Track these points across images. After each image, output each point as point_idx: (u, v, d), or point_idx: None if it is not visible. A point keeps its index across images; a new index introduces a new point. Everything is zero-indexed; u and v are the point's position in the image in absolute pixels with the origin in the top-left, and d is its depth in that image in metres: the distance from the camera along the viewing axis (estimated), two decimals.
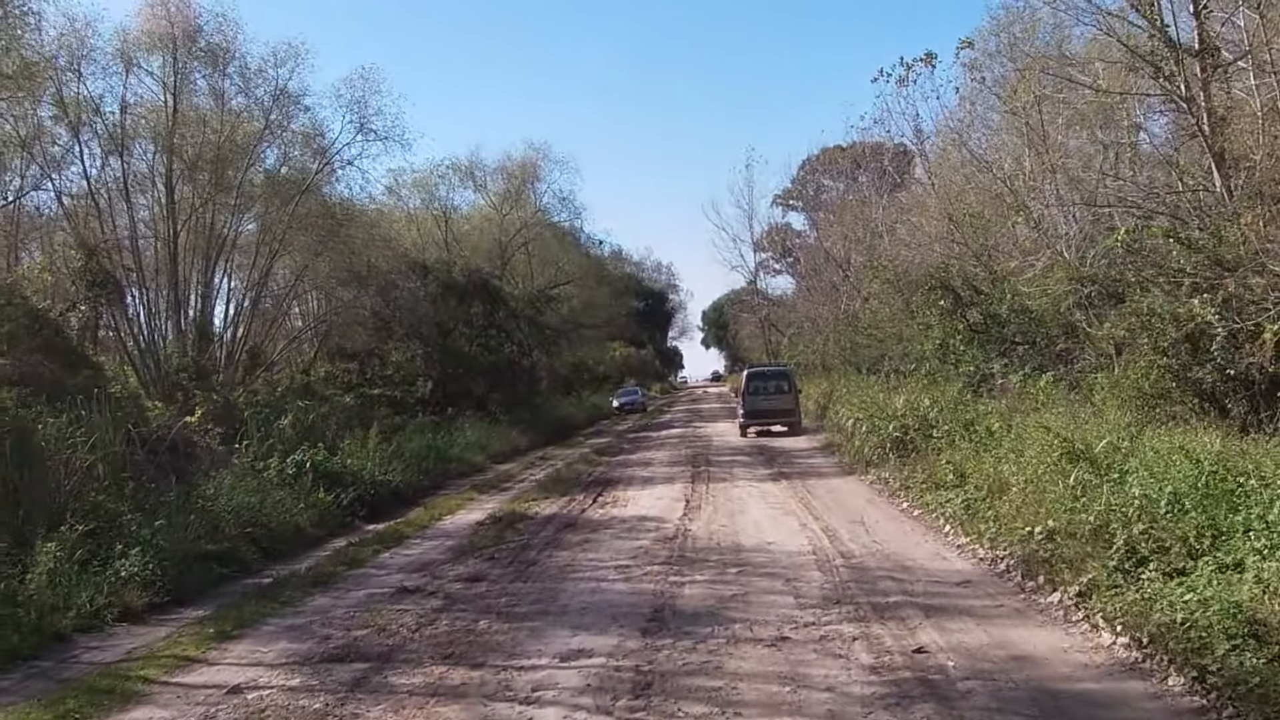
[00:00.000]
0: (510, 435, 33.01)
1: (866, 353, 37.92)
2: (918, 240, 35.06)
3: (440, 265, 38.64)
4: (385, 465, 21.37)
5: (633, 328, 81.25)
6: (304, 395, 30.86)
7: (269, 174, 32.73)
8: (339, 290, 38.60)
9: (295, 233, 35.95)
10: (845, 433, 23.10)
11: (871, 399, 22.47)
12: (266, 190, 31.96)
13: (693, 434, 32.72)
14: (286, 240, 36.09)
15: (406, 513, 18.77)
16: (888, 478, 16.47)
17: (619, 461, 24.69)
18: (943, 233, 32.82)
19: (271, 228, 32.86)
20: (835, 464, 20.53)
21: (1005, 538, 10.86)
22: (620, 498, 17.51)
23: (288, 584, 12.37)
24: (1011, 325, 25.13)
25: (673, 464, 22.84)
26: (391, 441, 25.00)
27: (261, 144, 30.80)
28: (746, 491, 17.19)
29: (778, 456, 22.72)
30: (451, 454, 27.65)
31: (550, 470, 23.90)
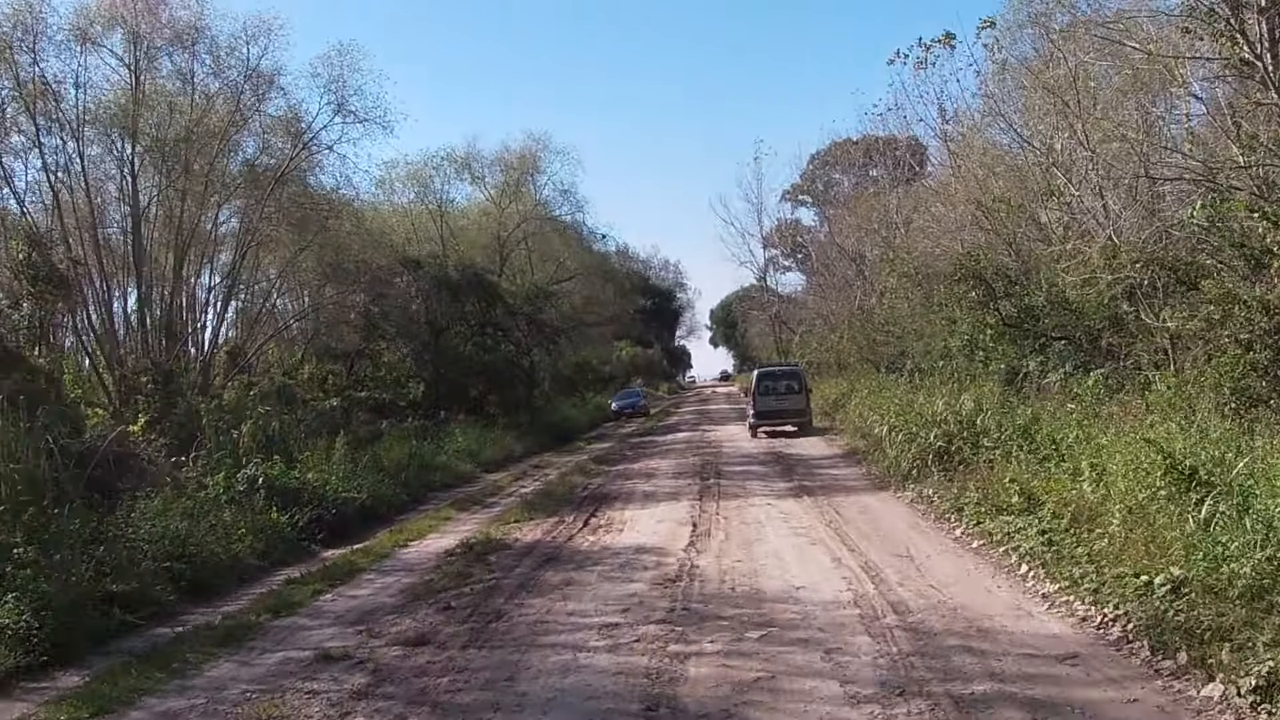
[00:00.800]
0: (505, 440, 30.34)
1: (884, 350, 35.27)
2: (941, 228, 32.39)
3: (433, 260, 35.96)
4: (354, 479, 18.73)
5: (639, 327, 78.55)
6: (281, 399, 28.29)
7: (245, 162, 30.16)
8: (326, 287, 36.22)
9: (275, 225, 33.44)
10: (872, 439, 20.38)
11: (904, 401, 19.71)
12: (241, 178, 29.39)
13: (701, 439, 29.96)
14: (265, 233, 33.66)
15: (372, 535, 16.16)
16: (931, 496, 13.70)
17: (619, 472, 21.95)
18: (968, 219, 30.21)
19: (246, 219, 30.35)
20: (863, 476, 17.77)
21: (1112, 589, 8.13)
22: (616, 520, 14.78)
23: (192, 641, 9.75)
24: (1048, 318, 22.49)
25: (678, 475, 20.11)
26: (368, 450, 22.43)
27: (234, 128, 28.13)
28: (764, 512, 14.44)
29: (796, 466, 19.97)
30: (438, 462, 25.03)
31: (542, 482, 21.19)
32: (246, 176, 29.45)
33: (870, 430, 20.71)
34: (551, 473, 23.53)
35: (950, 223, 31.13)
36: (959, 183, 28.65)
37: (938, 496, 13.49)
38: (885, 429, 16.72)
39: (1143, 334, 19.50)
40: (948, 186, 30.03)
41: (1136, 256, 17.62)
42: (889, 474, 16.18)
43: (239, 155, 30.53)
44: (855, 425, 24.21)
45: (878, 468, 17.73)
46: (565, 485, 19.64)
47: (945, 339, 28.52)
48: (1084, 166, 23.53)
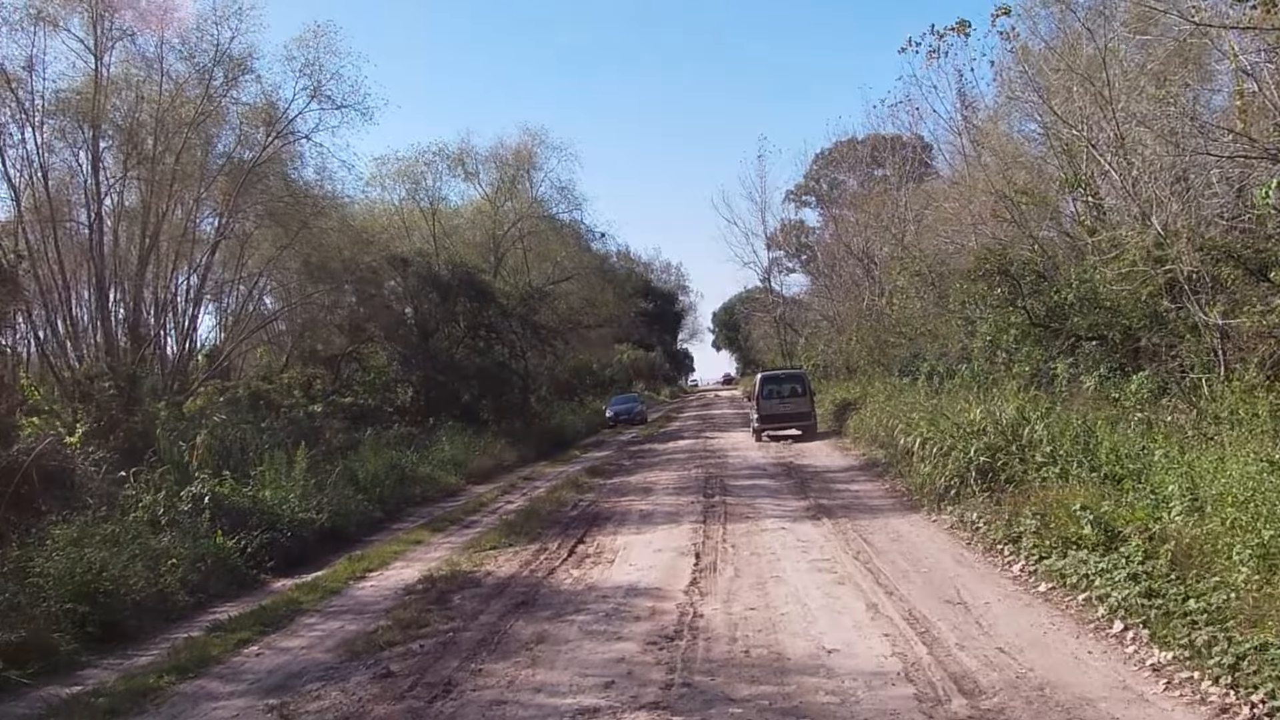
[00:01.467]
0: (496, 448, 28.20)
1: (895, 352, 33.18)
2: (959, 223, 30.32)
3: (421, 258, 33.84)
4: (317, 496, 16.60)
5: (641, 329, 76.32)
6: (253, 405, 26.21)
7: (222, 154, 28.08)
8: (308, 288, 34.15)
9: (254, 221, 31.43)
10: (894, 450, 18.22)
11: (930, 408, 17.56)
12: (214, 171, 27.31)
13: (704, 447, 27.77)
14: (243, 230, 31.62)
15: (331, 562, 14.08)
16: (976, 521, 11.53)
17: (614, 486, 19.77)
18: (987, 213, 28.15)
19: (220, 214, 28.26)
20: (888, 493, 15.59)
21: (1257, 665, 6.00)
22: (607, 548, 12.62)
23: (69, 713, 7.66)
24: (1079, 317, 20.45)
25: (680, 490, 17.94)
26: (339, 462, 20.33)
27: (204, 116, 26.01)
28: (779, 538, 12.27)
29: (811, 481, 17.79)
30: (420, 474, 22.96)
31: (529, 498, 19.04)
32: (219, 169, 27.40)
33: (892, 440, 18.53)
34: (541, 486, 21.38)
35: (968, 217, 29.08)
36: (980, 172, 26.51)
37: (984, 522, 11.32)
38: (917, 441, 14.54)
39: (1190, 333, 17.45)
40: (968, 177, 27.87)
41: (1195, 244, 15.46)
42: (920, 492, 13.99)
43: (216, 147, 28.53)
44: (871, 433, 22.05)
45: (905, 483, 15.56)
46: (553, 502, 17.47)
47: (963, 340, 26.50)
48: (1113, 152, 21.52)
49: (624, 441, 33.51)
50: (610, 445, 32.45)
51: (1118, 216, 24.20)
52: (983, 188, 25.29)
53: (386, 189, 42.11)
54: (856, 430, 24.03)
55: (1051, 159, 25.22)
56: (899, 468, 16.78)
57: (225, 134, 29.08)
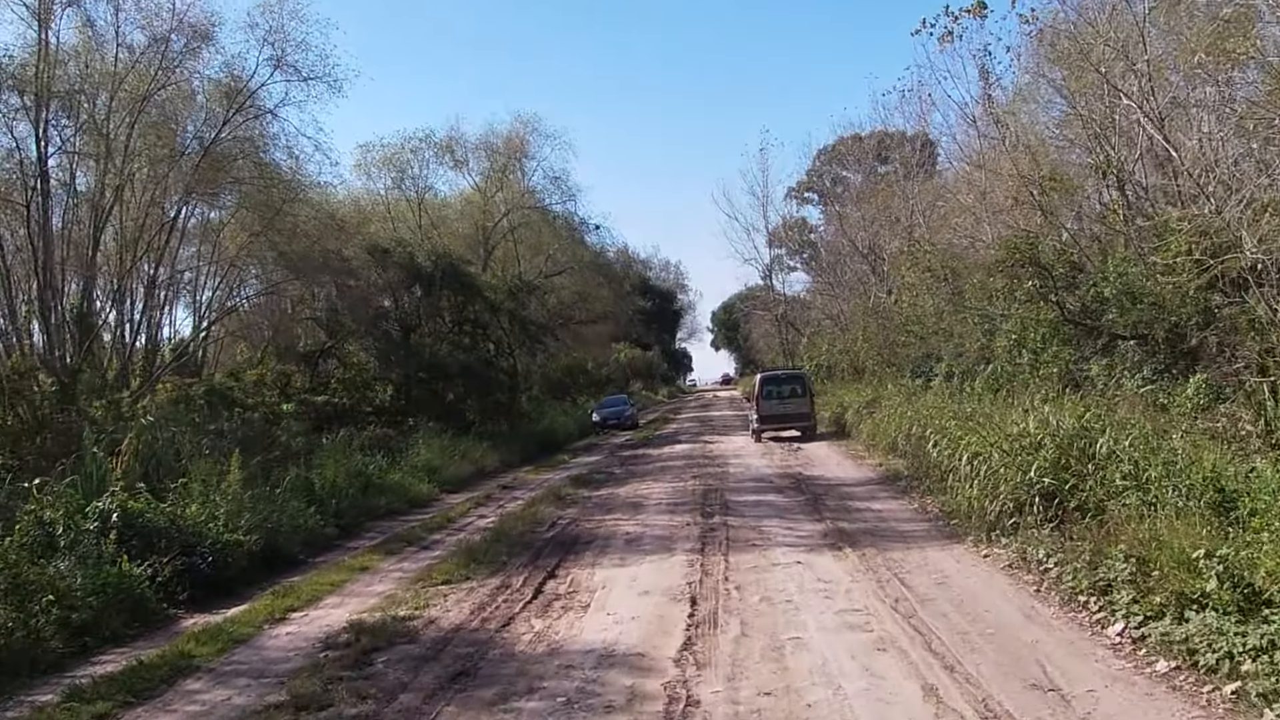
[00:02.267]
0: (478, 452, 25.75)
1: (906, 352, 30.78)
2: (977, 213, 27.97)
3: (402, 249, 31.36)
4: (257, 511, 14.17)
5: (638, 328, 74.00)
6: (214, 405, 23.77)
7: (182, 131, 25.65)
8: (281, 277, 31.78)
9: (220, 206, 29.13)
10: (919, 460, 15.82)
11: (967, 415, 15.12)
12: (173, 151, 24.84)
13: (703, 453, 25.26)
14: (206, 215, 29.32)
15: (257, 593, 11.66)
16: (1044, 560, 9.06)
17: (600, 500, 17.25)
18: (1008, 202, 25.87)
19: (182, 197, 25.84)
20: (918, 514, 13.10)
21: None
22: (582, 586, 10.14)
23: None
24: (1120, 313, 18.12)
25: (674, 507, 15.43)
26: (295, 469, 17.95)
27: (159, 87, 23.56)
28: (792, 576, 9.81)
29: (825, 496, 15.28)
30: (388, 482, 20.53)
31: (502, 513, 16.58)
32: (181, 149, 24.96)
33: (918, 451, 16.12)
34: (521, 497, 18.95)
35: (987, 208, 26.72)
36: (1005, 156, 24.08)
37: (1055, 562, 8.86)
38: (962, 457, 12.04)
39: (1251, 330, 15.11)
40: (991, 161, 25.42)
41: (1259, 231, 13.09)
42: (963, 518, 11.52)
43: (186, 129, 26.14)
44: (889, 440, 19.62)
45: (938, 504, 13.10)
46: (529, 519, 15.00)
47: (982, 338, 24.16)
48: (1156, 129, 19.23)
49: (616, 445, 31.03)
50: (601, 449, 29.98)
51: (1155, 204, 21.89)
52: (1008, 172, 22.87)
53: (372, 177, 39.82)
54: (871, 437, 21.57)
55: (1079, 145, 22.93)
56: (928, 483, 14.33)
57: (196, 115, 26.84)
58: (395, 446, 24.48)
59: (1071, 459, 10.26)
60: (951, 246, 32.36)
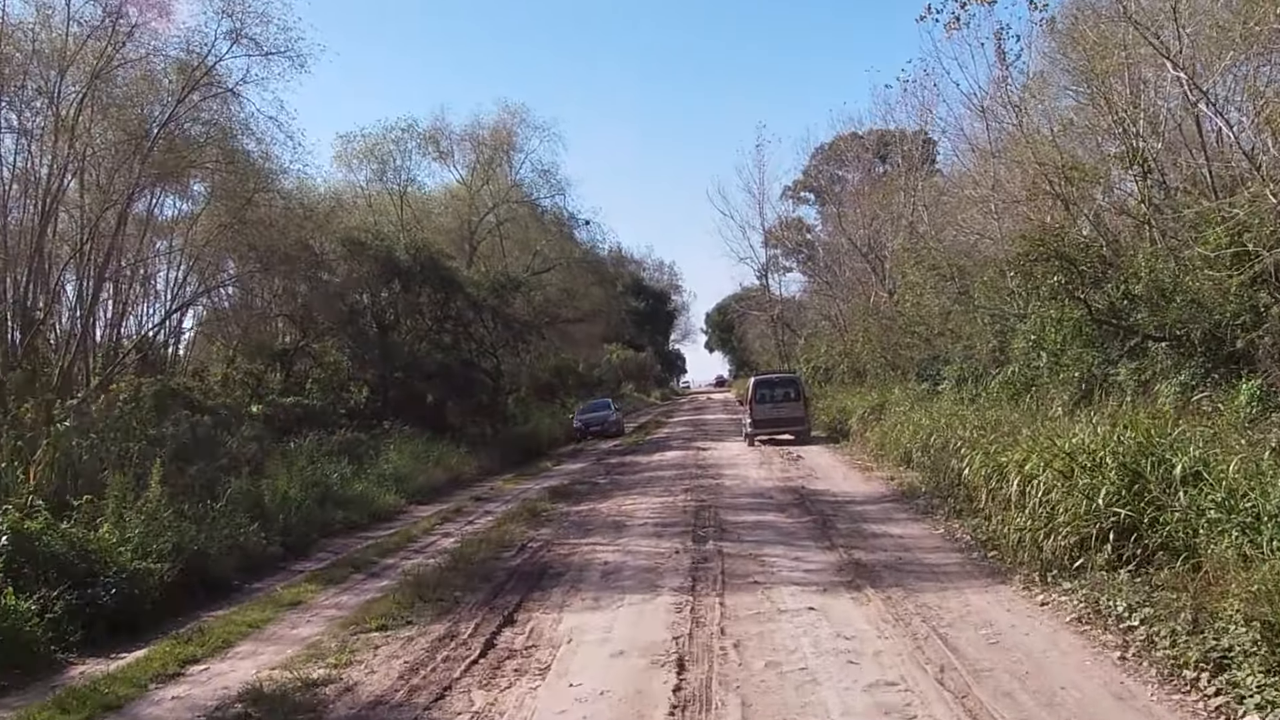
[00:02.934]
0: (455, 459, 23.74)
1: (910, 354, 28.83)
2: (988, 206, 26.04)
3: (379, 242, 29.31)
4: (183, 530, 12.20)
5: (631, 329, 72.02)
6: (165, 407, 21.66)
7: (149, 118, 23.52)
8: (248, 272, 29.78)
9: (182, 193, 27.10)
10: (939, 474, 13.84)
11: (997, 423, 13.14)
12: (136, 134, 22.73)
13: (695, 462, 23.17)
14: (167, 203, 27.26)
15: (162, 635, 9.66)
16: (1126, 615, 7.05)
17: (578, 518, 15.15)
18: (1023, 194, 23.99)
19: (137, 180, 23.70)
20: (946, 541, 11.04)
21: None
22: (543, 640, 8.09)
23: None
24: (1151, 312, 16.23)
25: (662, 528, 13.37)
26: (241, 479, 15.99)
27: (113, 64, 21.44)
28: (807, 629, 7.79)
29: (834, 516, 13.20)
30: (350, 494, 18.53)
31: (466, 533, 14.53)
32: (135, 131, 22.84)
33: (938, 463, 14.13)
34: (493, 511, 16.94)
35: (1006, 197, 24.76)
36: (1020, 145, 22.11)
37: (1141, 619, 6.85)
38: (1009, 478, 9.97)
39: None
40: (1007, 150, 23.45)
41: None
42: (1005, 550, 9.52)
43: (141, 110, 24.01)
44: (901, 450, 17.63)
45: (967, 528, 11.10)
46: (494, 542, 12.95)
47: (993, 340, 22.26)
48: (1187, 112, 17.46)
49: (603, 451, 28.94)
50: (588, 456, 27.88)
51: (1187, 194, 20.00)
52: (1028, 159, 20.90)
53: (353, 170, 37.73)
54: (880, 446, 19.54)
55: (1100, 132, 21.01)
56: (953, 504, 12.33)
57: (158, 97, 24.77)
58: (365, 452, 22.50)
59: (1147, 483, 8.25)
60: (958, 243, 30.52)
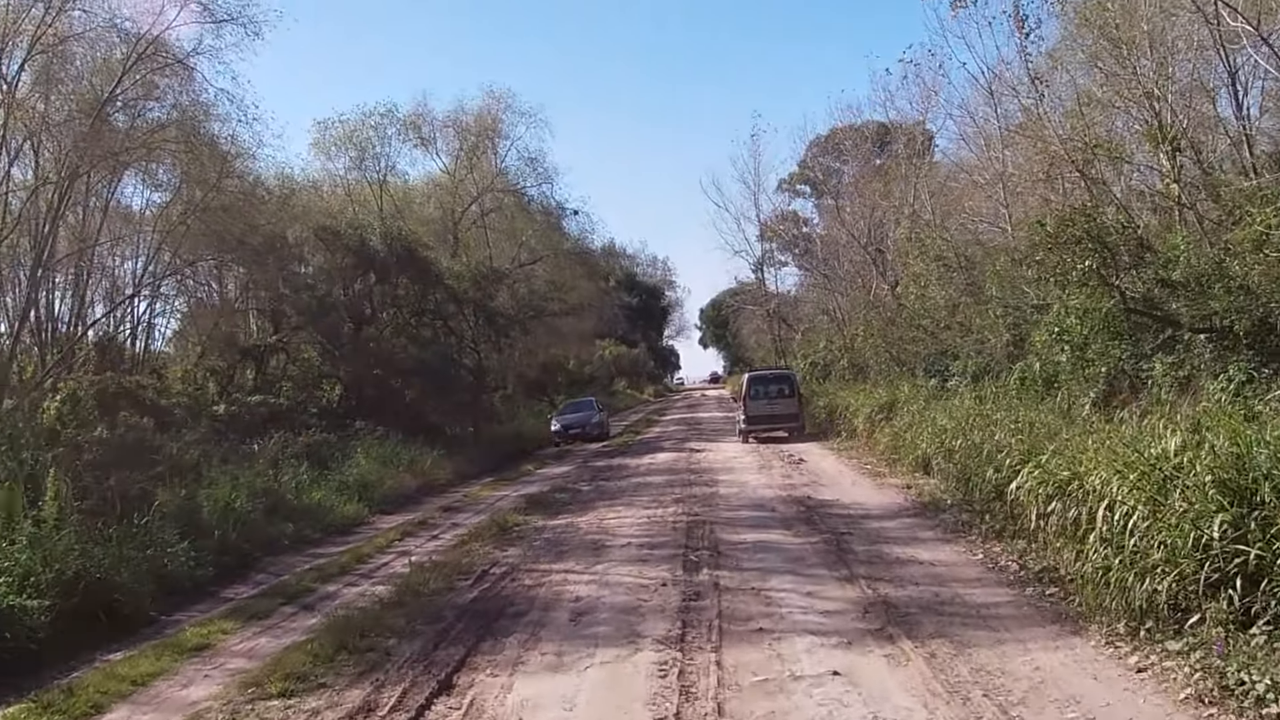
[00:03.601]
0: (426, 463, 21.69)
1: (915, 349, 26.89)
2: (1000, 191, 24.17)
3: (352, 230, 27.27)
4: (85, 556, 10.21)
5: (624, 325, 69.91)
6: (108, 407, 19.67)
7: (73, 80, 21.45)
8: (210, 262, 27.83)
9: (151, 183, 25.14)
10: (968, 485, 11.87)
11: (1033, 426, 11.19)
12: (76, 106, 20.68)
13: (688, 465, 21.11)
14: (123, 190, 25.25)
15: (24, 695, 7.67)
16: (1269, 698, 5.09)
17: (553, 535, 13.05)
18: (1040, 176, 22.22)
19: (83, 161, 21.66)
20: (988, 570, 9.01)
21: None
22: (484, 718, 6.11)
23: None
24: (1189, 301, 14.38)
25: (647, 550, 11.30)
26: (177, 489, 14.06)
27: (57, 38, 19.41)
28: (827, 703, 5.80)
29: (849, 535, 11.13)
30: (305, 503, 16.57)
31: (427, 551, 12.54)
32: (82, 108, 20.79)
33: (965, 471, 12.17)
34: (462, 523, 14.95)
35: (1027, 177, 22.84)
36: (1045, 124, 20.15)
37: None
38: (1076, 499, 7.96)
39: None
40: (1028, 128, 21.46)
41: None
42: (1067, 585, 7.56)
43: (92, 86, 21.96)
44: (916, 454, 15.64)
45: (1009, 552, 9.15)
46: (451, 567, 10.92)
47: (1006, 333, 20.40)
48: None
49: (591, 453, 26.84)
50: (574, 458, 25.80)
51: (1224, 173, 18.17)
52: (1053, 134, 18.95)
53: (331, 157, 35.60)
54: (893, 450, 17.52)
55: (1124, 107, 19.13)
56: (990, 522, 10.36)
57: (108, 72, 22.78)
58: (332, 455, 20.53)
59: (1269, 510, 6.26)
60: (965, 231, 28.68)
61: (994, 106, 25.92)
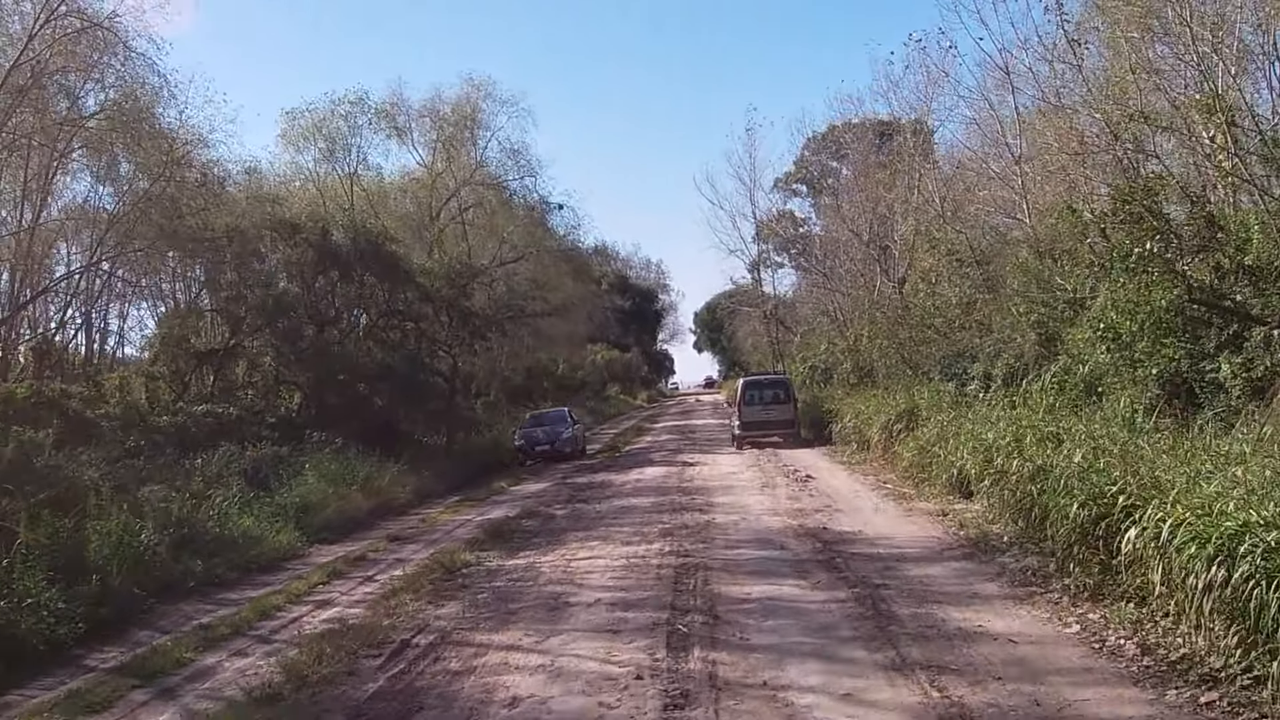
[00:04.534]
0: (387, 479, 18.93)
1: (928, 350, 24.26)
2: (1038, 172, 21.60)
3: (313, 223, 24.55)
4: None
5: (616, 329, 67.25)
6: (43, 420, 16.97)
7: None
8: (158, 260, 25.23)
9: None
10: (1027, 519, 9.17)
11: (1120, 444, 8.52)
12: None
13: (680, 483, 18.24)
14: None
15: None
16: None
17: (504, 585, 10.05)
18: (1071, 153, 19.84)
19: None
20: (1091, 651, 6.34)
21: None
22: None
23: None
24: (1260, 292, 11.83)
25: (620, 615, 8.40)
26: (49, 520, 11.35)
27: None
28: None
29: (887, 589, 8.33)
30: (228, 532, 13.88)
31: (348, 602, 9.80)
32: None
33: (1024, 499, 9.46)
34: (407, 559, 12.21)
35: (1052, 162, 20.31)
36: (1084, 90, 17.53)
37: None
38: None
39: None
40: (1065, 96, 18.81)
41: None
42: (1227, 685, 4.87)
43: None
44: (951, 472, 12.93)
45: (1119, 622, 6.46)
46: (362, 637, 8.11)
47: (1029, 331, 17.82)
48: None
49: (572, 468, 23.86)
50: (553, 472, 22.83)
51: None
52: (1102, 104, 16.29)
53: (301, 150, 32.84)
54: (920, 467, 14.73)
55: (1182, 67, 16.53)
56: (1079, 574, 7.65)
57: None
58: (277, 472, 17.83)
59: None
60: (979, 224, 26.17)
61: (1010, 87, 23.34)
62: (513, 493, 19.23)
